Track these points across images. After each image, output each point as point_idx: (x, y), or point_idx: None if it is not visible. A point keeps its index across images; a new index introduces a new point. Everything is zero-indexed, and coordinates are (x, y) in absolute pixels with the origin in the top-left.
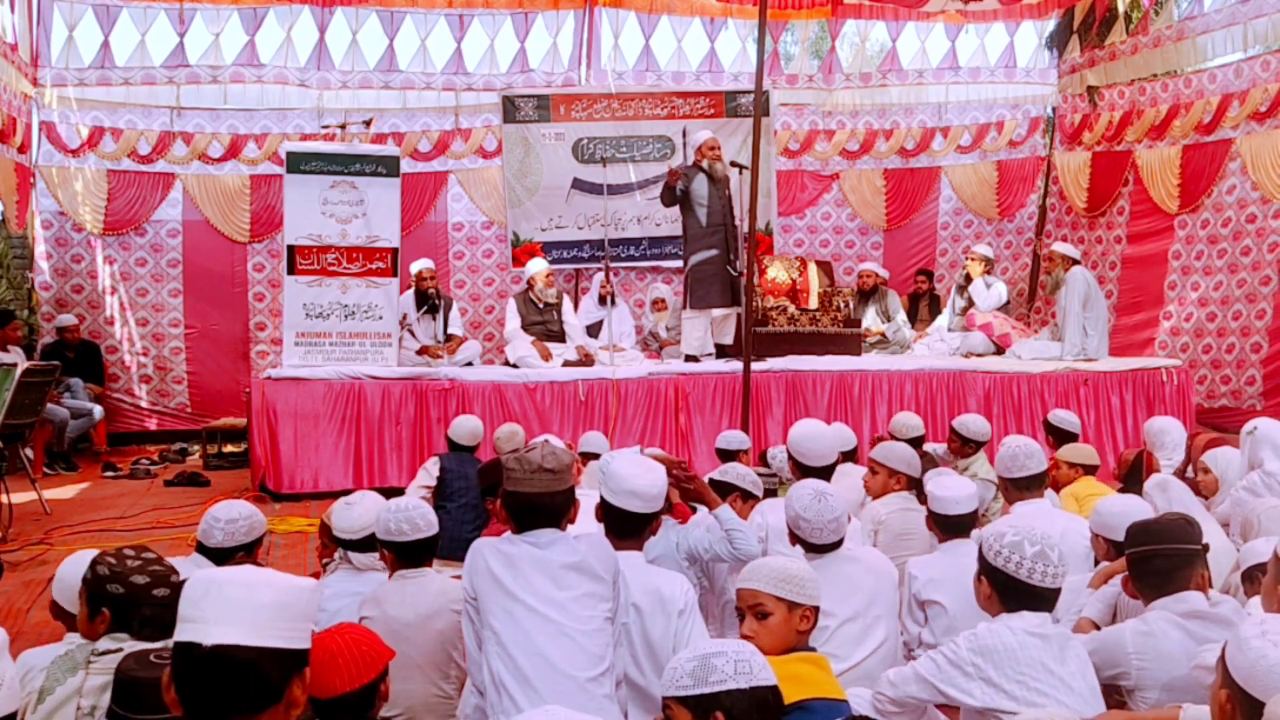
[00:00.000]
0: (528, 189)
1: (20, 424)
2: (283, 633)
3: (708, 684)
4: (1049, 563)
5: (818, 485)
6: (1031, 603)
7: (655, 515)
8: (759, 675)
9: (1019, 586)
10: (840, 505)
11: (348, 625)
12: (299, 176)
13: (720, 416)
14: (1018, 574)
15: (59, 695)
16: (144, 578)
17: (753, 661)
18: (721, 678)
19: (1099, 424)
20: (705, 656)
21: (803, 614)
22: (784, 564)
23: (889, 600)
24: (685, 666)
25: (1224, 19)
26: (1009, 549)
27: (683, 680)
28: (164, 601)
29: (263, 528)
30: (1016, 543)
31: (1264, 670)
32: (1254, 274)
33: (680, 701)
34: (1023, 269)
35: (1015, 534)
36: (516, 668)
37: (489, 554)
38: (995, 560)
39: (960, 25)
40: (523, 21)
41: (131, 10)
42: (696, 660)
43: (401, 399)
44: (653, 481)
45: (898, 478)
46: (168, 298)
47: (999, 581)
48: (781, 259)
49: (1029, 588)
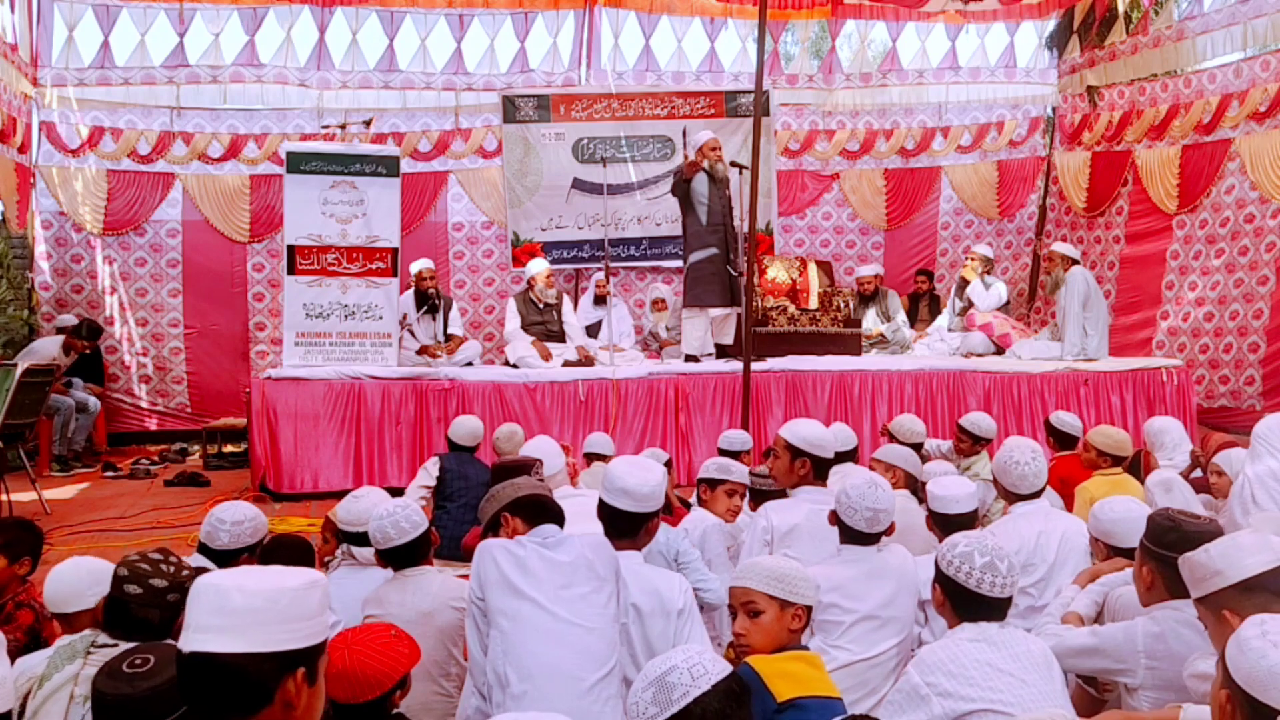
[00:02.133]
0: (528, 189)
1: (20, 424)
2: (263, 637)
3: (672, 704)
4: (998, 573)
5: (875, 476)
6: (981, 611)
7: (649, 516)
8: (714, 670)
9: (968, 595)
10: (889, 500)
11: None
12: (299, 176)
13: (720, 416)
14: (967, 583)
15: (56, 680)
16: (138, 588)
17: (704, 660)
18: (683, 691)
19: (1099, 424)
20: (660, 679)
21: (795, 613)
22: (777, 563)
23: (910, 598)
24: (645, 696)
25: (1224, 19)
26: (959, 559)
27: (648, 710)
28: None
29: (265, 528)
30: (967, 553)
31: (1264, 671)
32: (1251, 274)
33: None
34: (1023, 269)
35: (967, 544)
36: (523, 670)
37: (498, 554)
38: (947, 570)
39: (960, 25)
40: (523, 21)
41: (131, 10)
42: (653, 686)
43: (401, 399)
44: (643, 481)
45: (894, 473)
46: (167, 298)
47: (950, 590)
48: (781, 259)
49: (978, 597)
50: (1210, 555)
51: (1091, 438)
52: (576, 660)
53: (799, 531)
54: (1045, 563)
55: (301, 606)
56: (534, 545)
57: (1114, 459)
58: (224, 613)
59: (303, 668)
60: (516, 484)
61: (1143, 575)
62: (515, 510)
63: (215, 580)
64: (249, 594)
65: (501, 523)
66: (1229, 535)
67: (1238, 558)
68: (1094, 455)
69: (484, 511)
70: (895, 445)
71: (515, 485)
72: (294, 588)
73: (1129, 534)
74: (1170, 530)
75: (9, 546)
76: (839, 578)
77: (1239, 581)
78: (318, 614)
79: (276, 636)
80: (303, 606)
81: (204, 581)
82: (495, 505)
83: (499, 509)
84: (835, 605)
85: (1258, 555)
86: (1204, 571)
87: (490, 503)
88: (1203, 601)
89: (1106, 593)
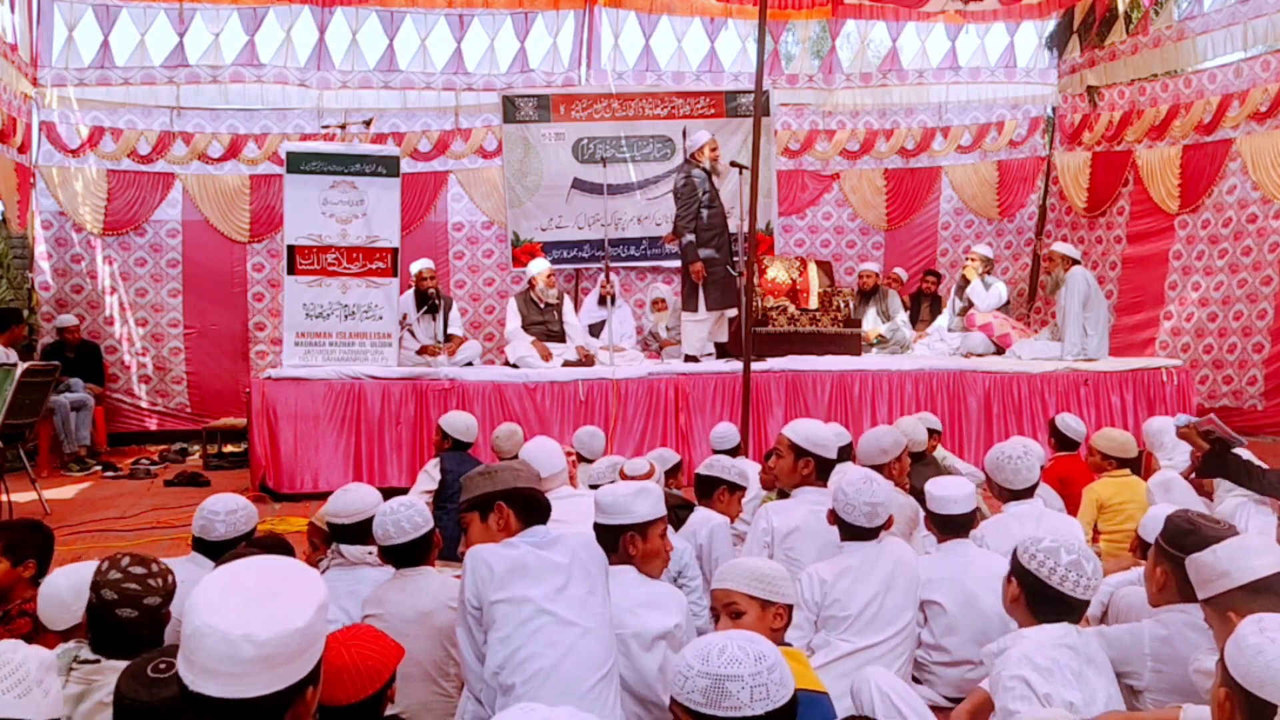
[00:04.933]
0: (528, 189)
1: (20, 424)
2: (270, 681)
3: (720, 709)
4: (1082, 573)
5: (869, 471)
6: (1060, 611)
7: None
8: (775, 697)
9: (1049, 593)
10: (884, 494)
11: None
12: (299, 176)
13: (720, 417)
14: (1050, 580)
15: None
16: (113, 593)
17: (769, 682)
18: (735, 705)
19: (1099, 424)
20: (720, 677)
21: (776, 612)
22: (757, 564)
23: (909, 586)
24: (698, 682)
25: (1224, 19)
26: (1044, 554)
27: (694, 695)
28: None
29: (256, 516)
30: (1053, 549)
31: (1262, 666)
32: (1255, 274)
33: (688, 711)
34: (1023, 269)
35: (1053, 540)
36: (523, 673)
37: (492, 559)
38: (1030, 564)
39: (960, 25)
40: (523, 21)
41: (131, 10)
42: (710, 679)
43: (401, 399)
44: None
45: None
46: (167, 298)
47: (1029, 585)
48: (781, 259)
49: (1059, 595)
50: (1218, 556)
51: (1096, 442)
52: (576, 662)
53: (799, 533)
54: None
55: (311, 638)
56: (528, 546)
57: (1120, 461)
58: (233, 662)
59: (311, 686)
60: (516, 470)
61: (1156, 576)
62: (512, 501)
63: (220, 626)
64: (259, 644)
65: (493, 509)
66: (1237, 537)
67: (1245, 559)
68: (1099, 459)
69: (475, 486)
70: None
71: (515, 472)
72: (303, 626)
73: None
74: (1189, 533)
75: (12, 549)
76: (842, 575)
77: (1247, 583)
78: (324, 633)
79: (288, 674)
80: (312, 637)
81: (206, 624)
82: (490, 485)
83: (495, 492)
84: (838, 600)
85: (1266, 557)
86: (1211, 573)
87: (484, 480)
88: (1209, 603)
89: (1110, 593)
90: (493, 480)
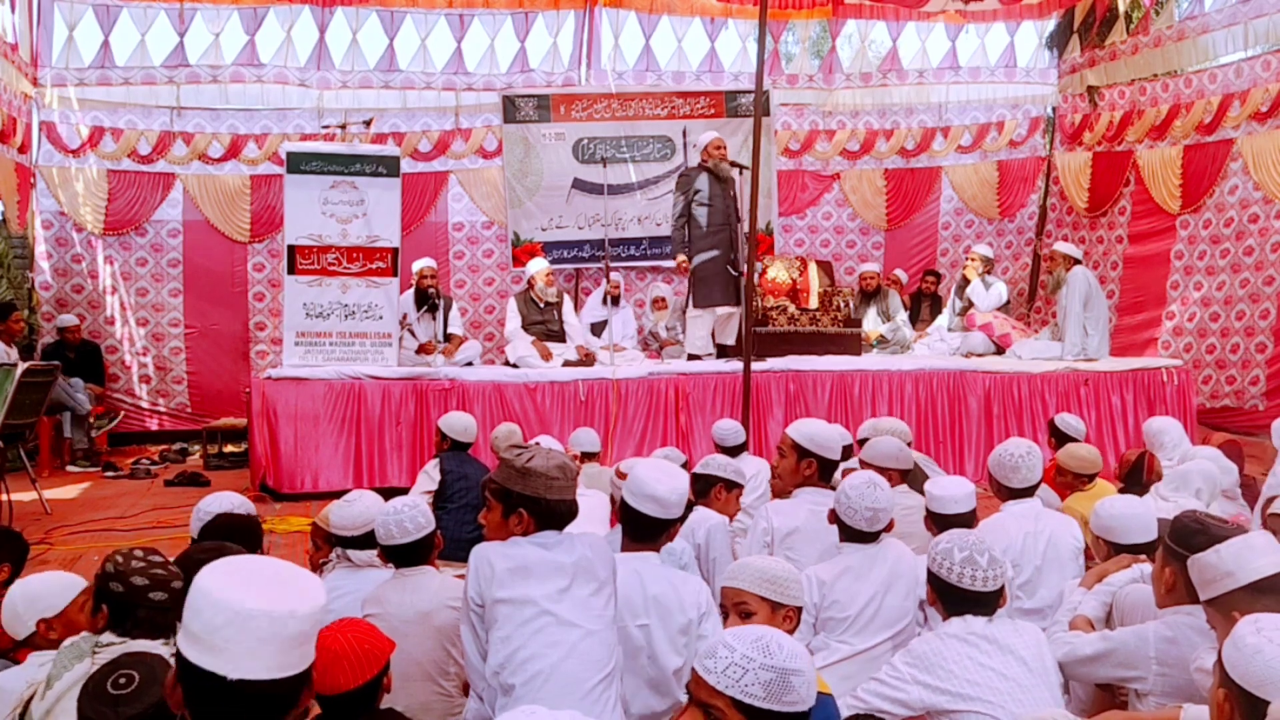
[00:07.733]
0: (528, 189)
1: (20, 424)
2: (305, 659)
3: (781, 703)
4: (977, 567)
5: (873, 475)
6: (967, 606)
7: (673, 522)
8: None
9: (951, 590)
10: (886, 499)
11: (349, 622)
12: (299, 176)
13: (720, 417)
14: (949, 578)
15: (66, 681)
16: (143, 579)
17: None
18: (795, 699)
19: (1099, 424)
20: (784, 670)
21: (785, 614)
22: (769, 565)
23: (907, 589)
24: (760, 674)
25: (1224, 19)
26: (940, 555)
27: (753, 690)
28: (160, 605)
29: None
30: (947, 549)
31: (1260, 666)
32: (1257, 274)
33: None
34: (1023, 269)
35: (948, 540)
36: (525, 673)
37: (495, 558)
38: (931, 566)
39: (960, 25)
40: (523, 21)
41: (131, 10)
42: (774, 672)
43: (401, 399)
44: (673, 488)
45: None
46: (168, 298)
47: (936, 586)
48: (782, 259)
49: (961, 591)
50: (1221, 556)
51: (1064, 462)
52: (578, 663)
53: (800, 534)
54: (1031, 565)
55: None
56: (532, 546)
57: (1089, 477)
58: (280, 639)
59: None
60: (551, 481)
61: (1164, 577)
62: (535, 509)
63: (265, 607)
64: (301, 619)
65: (515, 512)
66: (1240, 536)
67: (1249, 559)
68: (1070, 478)
69: (509, 479)
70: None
71: (549, 482)
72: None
73: (1128, 530)
74: (1198, 533)
75: None
76: (841, 576)
77: (1250, 583)
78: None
79: (309, 653)
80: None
81: (248, 610)
82: (520, 487)
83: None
84: (837, 602)
85: (1269, 556)
86: (1214, 573)
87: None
88: (1212, 603)
89: (1114, 593)
90: (525, 482)
